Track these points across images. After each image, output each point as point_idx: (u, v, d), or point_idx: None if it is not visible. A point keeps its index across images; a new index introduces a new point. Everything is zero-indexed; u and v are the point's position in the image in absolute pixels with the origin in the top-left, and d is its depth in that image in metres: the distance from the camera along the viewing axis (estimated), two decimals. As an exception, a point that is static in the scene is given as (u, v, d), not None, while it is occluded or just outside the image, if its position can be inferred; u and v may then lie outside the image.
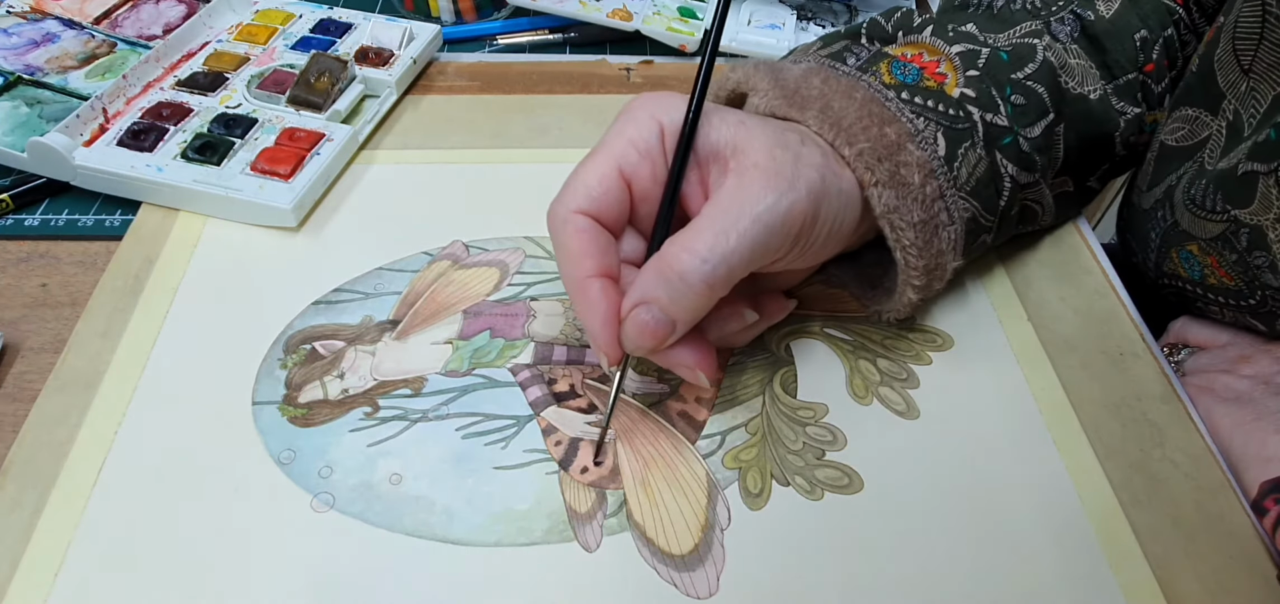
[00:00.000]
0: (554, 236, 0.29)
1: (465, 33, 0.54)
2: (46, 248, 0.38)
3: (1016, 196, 0.34)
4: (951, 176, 0.31)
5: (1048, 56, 0.35)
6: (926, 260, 0.31)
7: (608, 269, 0.28)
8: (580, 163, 0.29)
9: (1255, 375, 0.34)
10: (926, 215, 0.31)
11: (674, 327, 0.28)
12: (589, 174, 0.28)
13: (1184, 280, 0.38)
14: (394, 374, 0.33)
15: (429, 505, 0.29)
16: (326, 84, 0.44)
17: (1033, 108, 0.34)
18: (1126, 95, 0.37)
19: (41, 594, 0.26)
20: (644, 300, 0.27)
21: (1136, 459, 0.31)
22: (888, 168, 0.30)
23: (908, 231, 0.30)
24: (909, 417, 0.33)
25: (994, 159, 0.33)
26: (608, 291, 0.28)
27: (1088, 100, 0.36)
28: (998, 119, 0.33)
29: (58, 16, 0.48)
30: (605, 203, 0.28)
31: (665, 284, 0.27)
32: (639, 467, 0.30)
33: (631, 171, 0.29)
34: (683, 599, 0.27)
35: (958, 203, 0.32)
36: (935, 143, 0.31)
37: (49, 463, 0.29)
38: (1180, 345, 0.39)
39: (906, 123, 0.31)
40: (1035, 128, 0.34)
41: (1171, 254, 0.38)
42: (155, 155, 0.40)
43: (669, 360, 0.29)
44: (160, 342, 0.34)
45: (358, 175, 0.42)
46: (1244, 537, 0.29)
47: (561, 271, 0.29)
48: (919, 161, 0.31)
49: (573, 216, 0.28)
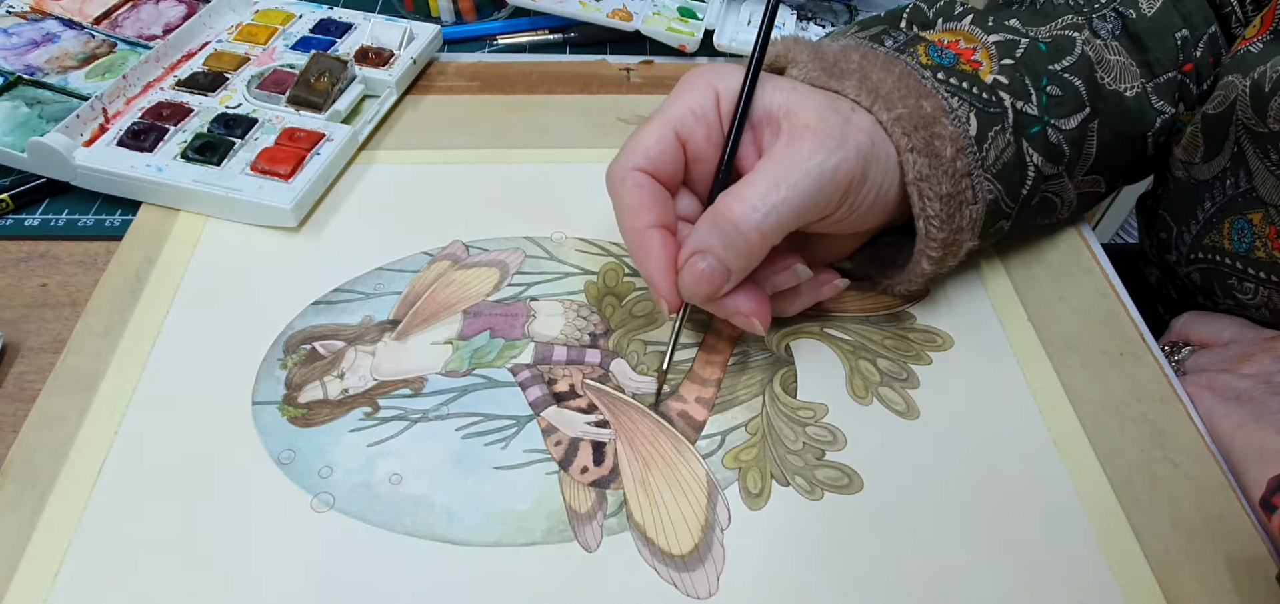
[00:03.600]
0: (613, 193, 0.31)
1: (465, 33, 0.54)
2: (46, 248, 0.38)
3: (1038, 186, 0.35)
4: (980, 157, 0.32)
5: (1086, 51, 0.36)
6: (946, 234, 0.32)
7: (666, 221, 0.31)
8: (638, 127, 0.31)
9: (1256, 374, 0.34)
10: (954, 189, 0.32)
11: (728, 274, 0.30)
12: (647, 135, 0.31)
13: (1224, 254, 0.38)
14: (394, 374, 0.33)
15: (429, 505, 0.29)
16: (326, 84, 0.44)
17: (1069, 100, 0.35)
18: (1166, 94, 0.38)
19: (41, 594, 0.26)
20: (699, 249, 0.29)
21: (1136, 459, 0.31)
22: (923, 137, 0.31)
23: (934, 202, 0.31)
24: (909, 417, 0.33)
25: (1021, 146, 0.33)
26: (666, 242, 0.31)
27: (1122, 97, 0.36)
28: (1028, 108, 0.34)
29: (58, 16, 0.48)
30: (662, 161, 0.31)
31: (719, 232, 0.29)
32: (639, 467, 0.30)
33: (687, 133, 0.31)
34: (683, 599, 0.27)
35: (983, 183, 0.33)
36: (968, 122, 0.32)
37: (49, 463, 0.29)
38: (1181, 343, 0.39)
39: (942, 100, 0.32)
40: (1070, 120, 0.34)
41: (1223, 225, 0.37)
42: (155, 155, 0.40)
43: (725, 308, 0.31)
44: (160, 342, 0.34)
45: (358, 175, 0.42)
46: (1244, 537, 0.29)
47: (621, 226, 0.32)
48: (952, 136, 0.32)
49: (630, 173, 0.31)
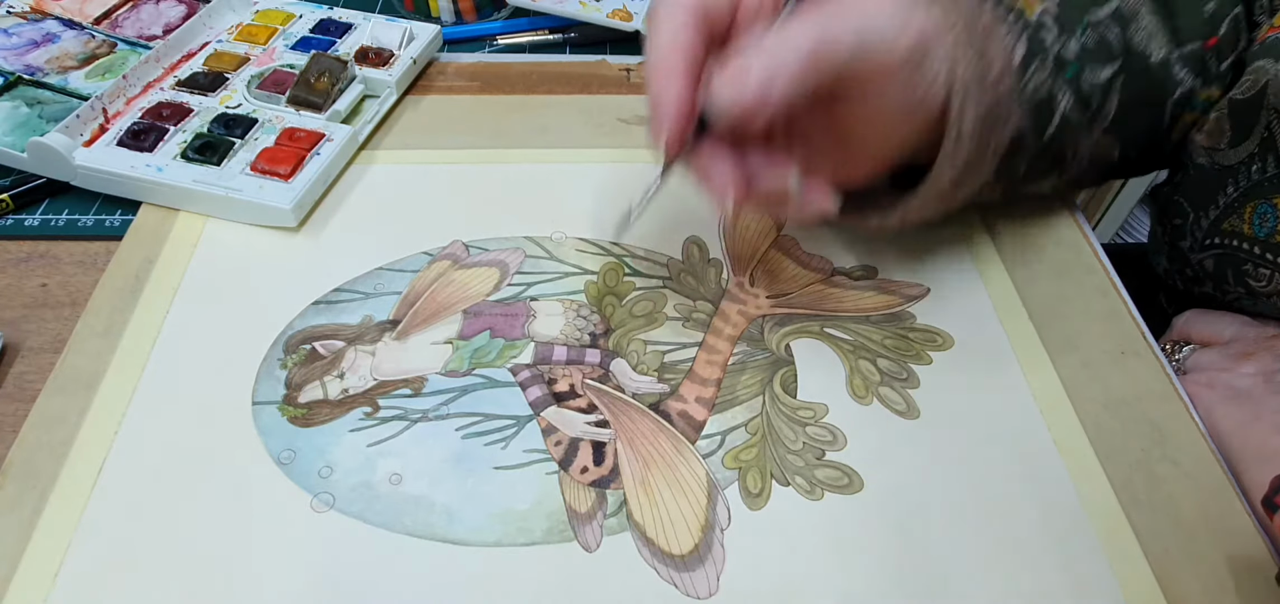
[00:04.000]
0: (655, 18, 0.29)
1: (465, 33, 0.54)
2: (46, 248, 0.38)
3: (1061, 131, 0.35)
4: (1020, 85, 0.32)
5: (1123, 4, 0.36)
6: (974, 148, 0.31)
7: (694, 58, 0.29)
8: None
9: (1257, 372, 0.34)
10: (991, 108, 0.31)
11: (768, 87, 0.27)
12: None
13: (1242, 239, 0.38)
14: (394, 374, 0.33)
15: (429, 505, 0.29)
16: (326, 84, 0.44)
17: (1102, 50, 0.35)
18: (1189, 64, 0.38)
19: (41, 594, 0.26)
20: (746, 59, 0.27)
21: (1137, 459, 0.31)
22: (978, 46, 0.31)
23: (971, 115, 0.30)
24: (909, 417, 0.33)
25: (1054, 85, 0.33)
26: (688, 75, 0.29)
27: (1148, 59, 0.37)
28: (1066, 51, 0.34)
29: (58, 17, 0.48)
30: (714, 6, 0.29)
31: (768, 49, 0.27)
32: (639, 467, 0.30)
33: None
34: (683, 599, 0.27)
35: (1015, 112, 0.32)
36: (1016, 46, 0.32)
37: (49, 463, 0.29)
38: (1182, 342, 0.39)
39: (997, 14, 0.32)
40: (1102, 71, 0.35)
41: (1245, 209, 0.38)
42: (155, 155, 0.40)
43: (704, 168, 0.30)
44: (160, 342, 0.34)
45: (358, 175, 0.42)
46: (1244, 537, 0.29)
47: (650, 47, 0.29)
48: (1002, 54, 0.31)
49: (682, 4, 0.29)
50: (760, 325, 0.36)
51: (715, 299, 0.37)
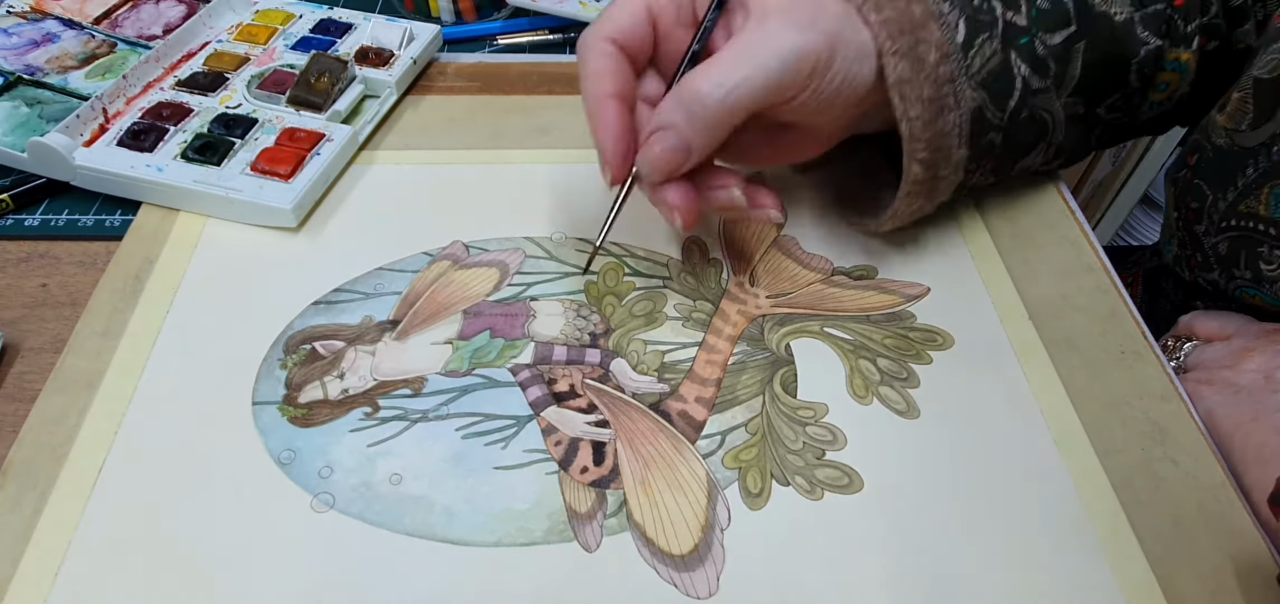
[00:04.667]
0: (581, 60, 0.32)
1: (465, 33, 0.54)
2: (46, 248, 0.38)
3: (1027, 100, 0.35)
4: (965, 64, 0.33)
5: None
6: (931, 135, 0.33)
7: (625, 92, 0.32)
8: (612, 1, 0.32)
9: (1257, 370, 0.34)
10: (935, 93, 0.32)
11: (689, 151, 0.30)
12: (619, 8, 0.32)
13: (1259, 221, 0.38)
14: (394, 374, 0.33)
15: (429, 505, 0.29)
16: (326, 84, 0.44)
17: (1056, 14, 0.35)
18: (1151, 25, 0.38)
19: (41, 594, 0.26)
20: (663, 125, 0.30)
21: (1137, 459, 0.31)
22: (908, 40, 0.32)
23: (916, 105, 0.32)
24: (909, 417, 0.33)
25: (1008, 56, 0.34)
26: (622, 112, 0.31)
27: (1111, 20, 0.37)
28: (1017, 18, 0.34)
29: (58, 16, 0.48)
30: (632, 34, 0.32)
31: (683, 108, 0.29)
32: (639, 467, 0.30)
33: (659, 10, 0.32)
34: (683, 599, 0.27)
35: (966, 91, 0.33)
36: (956, 28, 0.33)
37: (49, 463, 0.29)
38: (1184, 338, 0.39)
39: (932, 4, 0.32)
40: (1055, 35, 0.35)
41: (1263, 191, 0.37)
42: (155, 155, 0.40)
43: (656, 196, 0.32)
44: (160, 342, 0.34)
45: (358, 175, 0.42)
46: (1244, 536, 0.29)
47: (583, 91, 0.32)
48: (938, 41, 0.32)
49: (599, 42, 0.31)
50: (760, 325, 0.36)
51: (715, 299, 0.37)
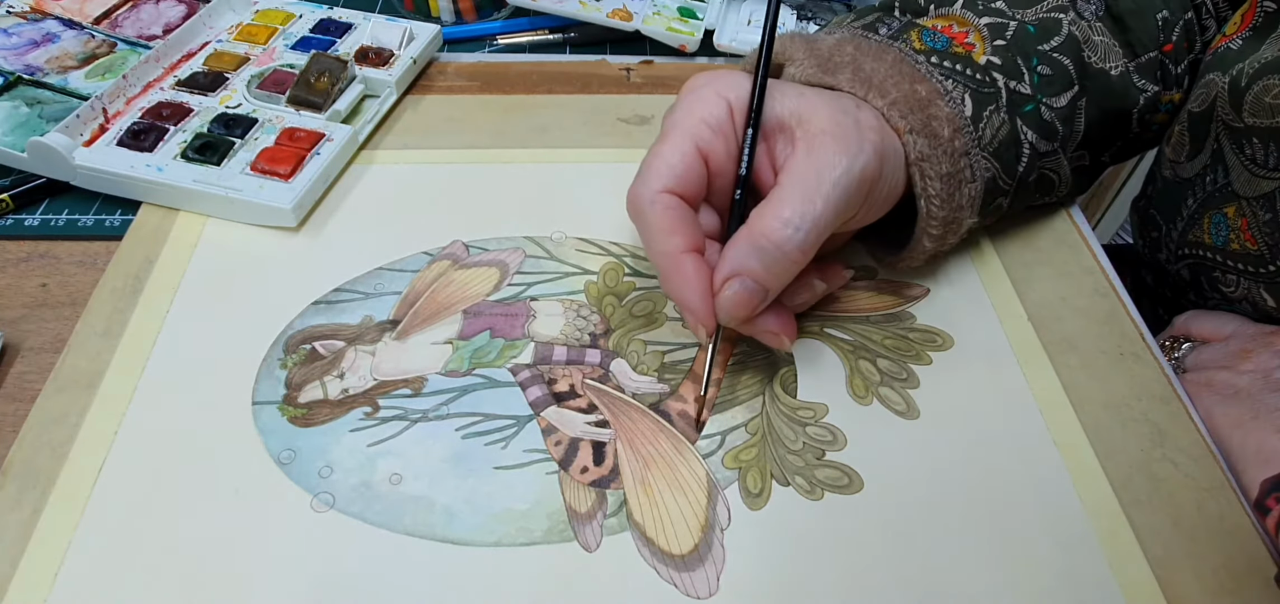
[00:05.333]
0: (640, 218, 0.30)
1: (465, 33, 0.54)
2: (46, 248, 0.38)
3: (1035, 163, 0.35)
4: (976, 136, 0.33)
5: (1073, 31, 0.36)
6: (946, 213, 0.33)
7: (697, 243, 0.30)
8: (655, 145, 0.31)
9: (1255, 370, 0.34)
10: (953, 168, 0.32)
11: (766, 294, 0.29)
12: (670, 153, 0.30)
13: (1206, 248, 0.39)
14: (394, 374, 0.33)
15: (429, 505, 0.29)
16: (326, 84, 0.44)
17: (1058, 79, 0.35)
18: (1147, 73, 0.38)
19: (41, 594, 0.26)
20: (737, 272, 0.29)
21: (1136, 459, 0.31)
22: (920, 118, 0.32)
23: (934, 181, 0.32)
24: (909, 417, 0.33)
25: (1015, 124, 0.34)
26: (700, 266, 0.30)
27: (1109, 75, 0.37)
28: (1021, 87, 0.34)
29: (58, 16, 0.48)
30: (687, 180, 0.30)
31: (759, 254, 0.28)
32: (639, 466, 0.30)
33: (707, 148, 0.30)
34: (683, 599, 0.27)
35: (980, 161, 0.33)
36: (963, 103, 0.33)
37: (49, 463, 0.29)
38: (1182, 339, 0.39)
39: (936, 83, 0.33)
40: (1061, 98, 0.35)
41: (1204, 220, 0.38)
42: (155, 155, 0.40)
43: (755, 328, 0.31)
44: (160, 341, 0.34)
45: (358, 175, 0.42)
46: (1244, 536, 0.29)
47: (650, 249, 0.30)
48: (949, 117, 0.32)
49: (659, 197, 0.30)
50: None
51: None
